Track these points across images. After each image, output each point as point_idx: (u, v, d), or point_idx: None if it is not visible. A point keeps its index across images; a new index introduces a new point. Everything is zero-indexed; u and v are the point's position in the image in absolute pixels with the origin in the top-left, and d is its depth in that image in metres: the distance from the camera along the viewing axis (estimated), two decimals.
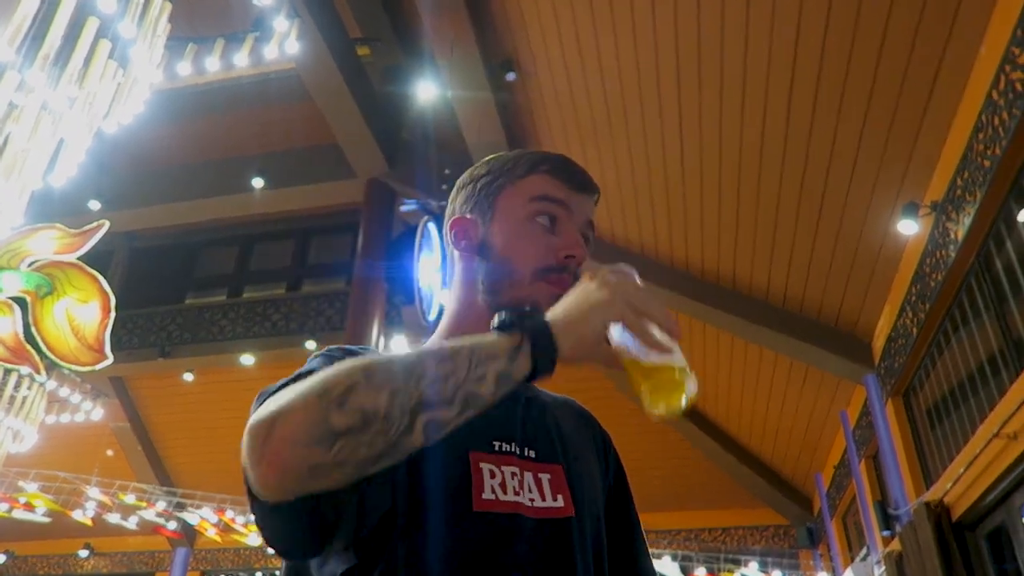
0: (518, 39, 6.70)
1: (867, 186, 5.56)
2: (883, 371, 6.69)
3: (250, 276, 12.32)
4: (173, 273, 12.38)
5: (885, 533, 6.85)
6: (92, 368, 4.66)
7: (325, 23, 7.27)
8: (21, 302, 4.69)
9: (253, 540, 10.39)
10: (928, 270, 5.42)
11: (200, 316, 11.41)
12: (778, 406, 9.00)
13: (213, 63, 6.11)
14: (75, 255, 4.93)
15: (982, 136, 4.35)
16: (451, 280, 1.09)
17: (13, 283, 4.63)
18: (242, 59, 6.16)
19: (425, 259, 7.58)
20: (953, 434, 5.68)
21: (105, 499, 10.26)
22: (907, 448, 6.49)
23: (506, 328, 0.78)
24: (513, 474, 0.90)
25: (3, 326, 4.59)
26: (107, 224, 5.12)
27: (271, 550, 0.77)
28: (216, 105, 10.19)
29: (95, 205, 9.71)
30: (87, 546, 13.67)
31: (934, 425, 6.12)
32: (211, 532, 10.68)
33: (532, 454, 0.94)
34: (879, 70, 4.80)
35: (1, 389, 4.51)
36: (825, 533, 10.31)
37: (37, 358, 4.71)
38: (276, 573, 1.02)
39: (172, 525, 11.11)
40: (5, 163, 3.47)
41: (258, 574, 13.51)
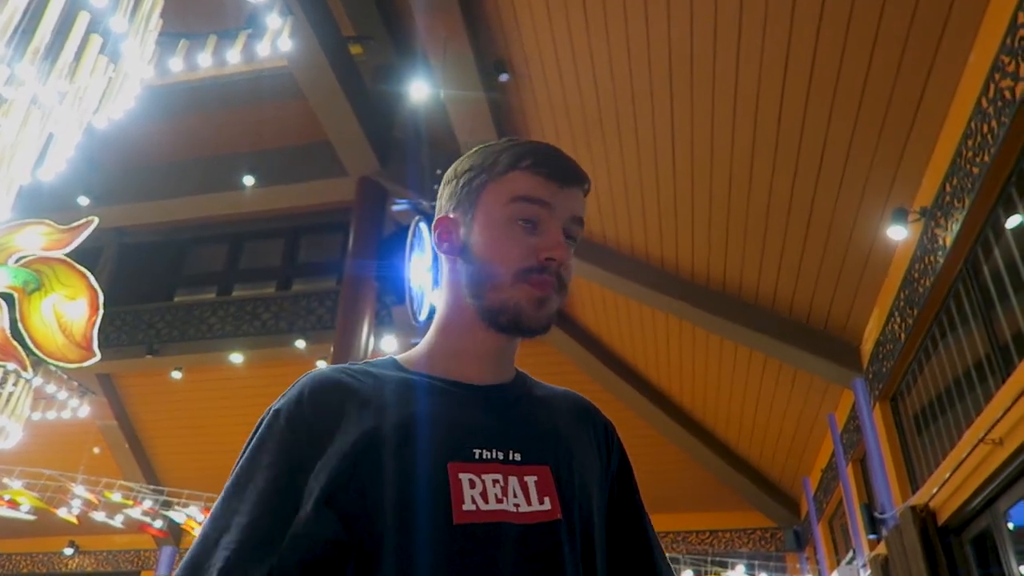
0: (511, 40, 6.70)
1: (857, 191, 5.59)
2: (871, 375, 6.72)
3: (240, 274, 12.28)
4: (162, 270, 12.32)
5: (871, 537, 6.88)
6: (79, 365, 4.63)
7: (318, 21, 7.26)
8: (8, 298, 4.65)
9: None
10: (916, 276, 5.46)
11: (189, 314, 11.35)
12: (766, 409, 9.04)
13: (205, 59, 6.09)
14: (64, 251, 4.90)
15: (971, 143, 4.38)
16: (441, 281, 1.08)
17: (0, 279, 4.60)
18: (234, 56, 6.14)
19: (416, 259, 7.57)
20: (939, 439, 5.71)
21: (91, 497, 10.20)
22: (894, 452, 6.53)
23: None
24: (495, 481, 0.89)
25: None
26: (96, 220, 5.08)
27: None
28: (208, 102, 10.15)
29: (84, 201, 9.65)
30: (72, 544, 13.58)
31: (921, 430, 6.16)
32: (198, 531, 10.62)
33: (517, 457, 0.92)
34: (869, 76, 4.83)
35: None
36: (812, 536, 10.35)
37: (24, 355, 4.68)
38: None
39: (158, 524, 11.04)
40: None
41: None
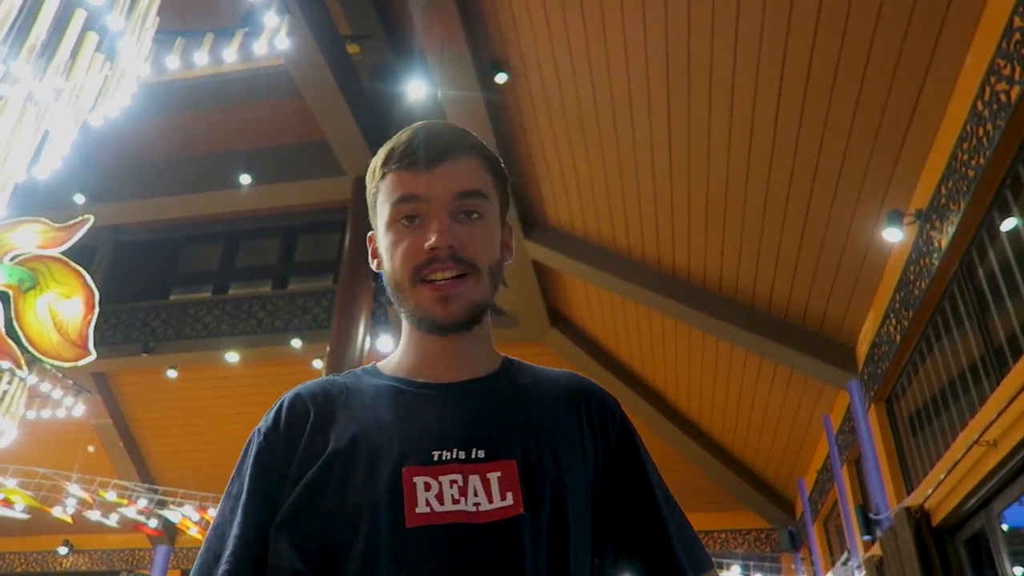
0: (508, 40, 6.70)
1: (853, 193, 5.60)
2: (866, 377, 6.74)
3: (236, 273, 12.26)
4: (158, 268, 12.29)
5: (866, 538, 6.90)
6: (75, 364, 4.62)
7: (315, 19, 7.25)
8: (3, 296, 4.64)
9: None
10: (912, 278, 5.47)
11: (185, 312, 11.33)
12: (762, 410, 9.05)
13: (202, 58, 6.07)
14: (59, 249, 4.88)
15: (967, 146, 4.39)
16: None
17: None
18: (231, 54, 6.13)
19: None
20: (934, 440, 5.73)
21: (85, 496, 10.17)
22: (889, 453, 6.54)
23: None
24: (453, 482, 0.88)
25: None
26: (92, 219, 5.07)
27: None
28: (204, 100, 10.13)
29: (80, 199, 9.62)
30: (66, 543, 13.54)
31: (916, 431, 6.18)
32: (193, 531, 10.60)
33: (481, 454, 0.91)
34: (866, 78, 4.84)
35: None
36: (807, 537, 10.37)
37: (18, 353, 4.66)
38: None
39: (153, 523, 11.02)
40: None
41: None
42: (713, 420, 10.21)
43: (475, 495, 0.88)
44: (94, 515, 10.55)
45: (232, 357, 10.65)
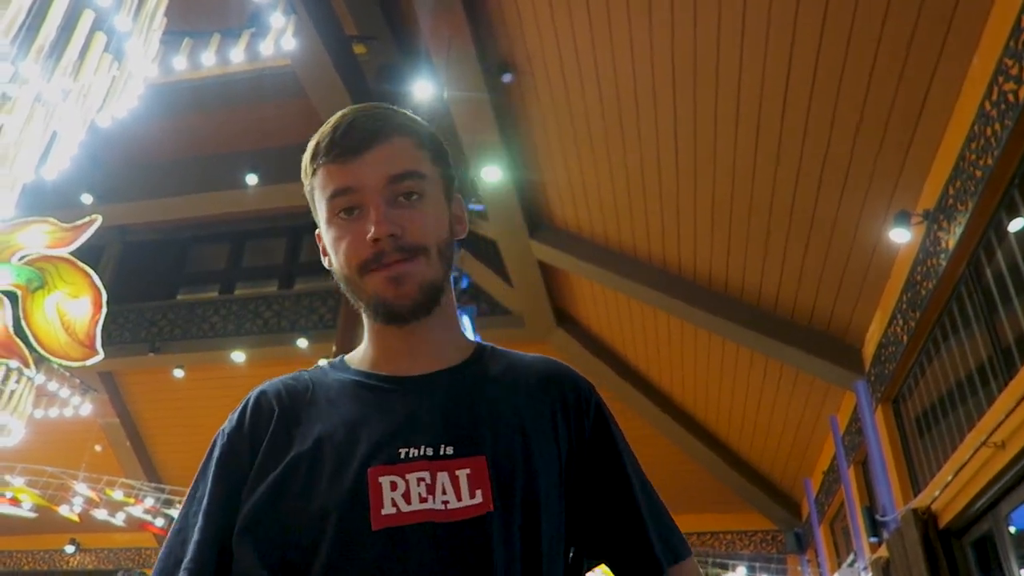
0: (515, 40, 6.70)
1: (860, 193, 5.58)
2: (873, 377, 6.71)
3: (242, 272, 12.29)
4: (164, 268, 12.33)
5: (872, 539, 6.87)
6: (82, 364, 4.64)
7: (321, 20, 7.26)
8: (11, 296, 4.66)
9: None
10: (919, 278, 5.45)
11: (191, 312, 11.37)
12: (768, 410, 9.02)
13: (209, 58, 6.09)
14: (67, 250, 4.90)
15: (974, 146, 4.37)
16: None
17: (4, 276, 4.60)
18: (238, 55, 6.14)
19: None
20: (941, 442, 5.70)
21: (92, 495, 10.21)
22: (896, 455, 6.51)
23: None
24: (420, 480, 0.86)
25: None
26: (99, 219, 5.09)
27: None
28: (210, 101, 10.15)
29: (87, 199, 9.66)
30: (73, 542, 13.59)
31: (923, 432, 6.15)
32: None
33: (450, 451, 0.89)
34: (873, 78, 4.82)
35: None
36: (813, 538, 10.34)
37: (26, 352, 4.68)
38: None
39: (159, 522, 11.05)
40: None
41: None
42: (719, 420, 10.19)
43: (443, 493, 0.86)
44: (101, 514, 10.59)
45: (238, 357, 10.68)
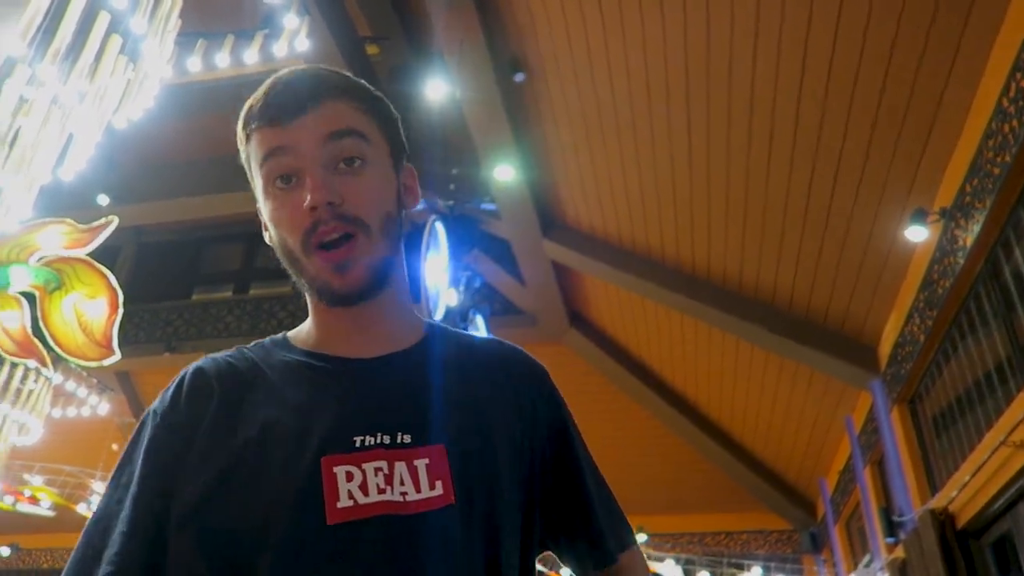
0: (527, 39, 6.69)
1: (876, 191, 5.54)
2: (889, 377, 6.66)
3: (256, 273, 12.34)
4: (180, 268, 12.41)
5: (889, 540, 6.82)
6: (99, 364, 4.68)
7: (335, 21, 7.28)
8: (29, 296, 4.71)
9: None
10: (936, 277, 5.40)
11: (206, 312, 11.44)
12: (783, 410, 8.97)
13: (223, 59, 6.13)
14: (84, 251, 4.95)
15: (992, 143, 4.32)
16: None
17: (22, 277, 4.65)
18: (251, 56, 6.18)
19: (432, 258, 7.58)
20: (959, 442, 5.65)
21: None
22: (912, 455, 6.46)
23: None
24: (378, 470, 0.80)
25: (11, 320, 4.61)
26: (116, 220, 5.14)
27: None
28: (225, 102, 10.18)
29: (104, 200, 9.74)
30: None
31: (940, 432, 6.09)
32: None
33: (407, 439, 0.83)
34: (889, 74, 4.78)
35: (7, 382, 4.53)
36: (828, 539, 10.27)
37: (44, 352, 4.73)
38: None
39: None
40: (15, 157, 3.48)
41: None
42: (734, 420, 10.14)
43: (401, 484, 0.80)
44: None
45: None
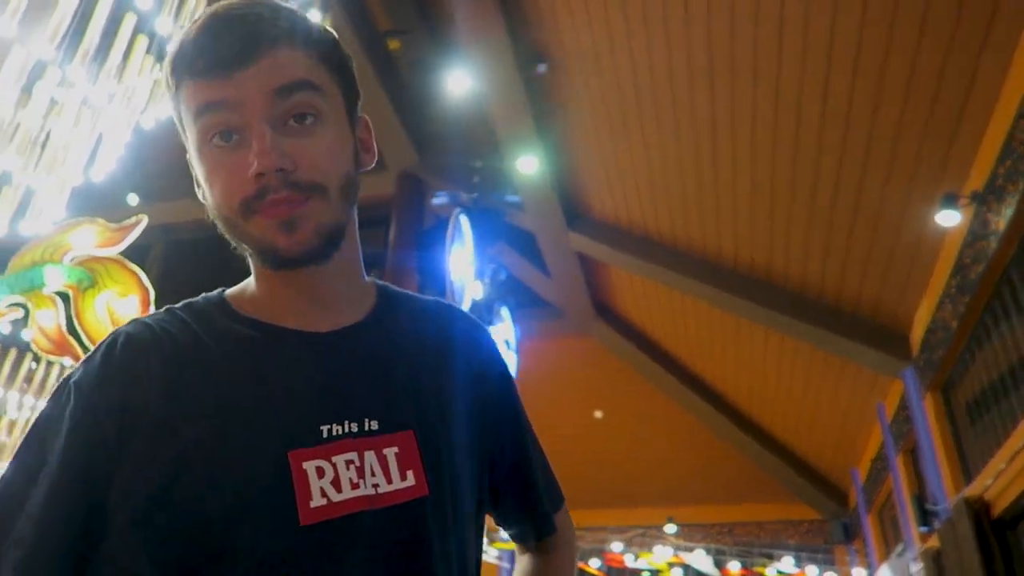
0: (548, 30, 6.67)
1: (905, 175, 5.45)
2: (922, 364, 6.56)
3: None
4: (209, 266, 12.56)
5: (923, 529, 6.74)
6: None
7: (355, 15, 7.31)
8: (63, 296, 4.80)
9: None
10: (968, 262, 5.30)
11: None
12: (813, 399, 8.89)
13: None
14: (116, 250, 5.04)
15: None
16: None
17: (56, 277, 4.74)
18: None
19: (457, 252, 7.61)
20: (994, 429, 5.55)
21: None
22: (946, 443, 6.37)
23: None
24: (349, 462, 0.74)
25: (47, 319, 4.71)
26: (146, 219, 5.21)
27: None
28: None
29: (133, 199, 9.89)
30: None
31: (974, 419, 6.00)
32: None
33: (374, 426, 0.77)
34: (919, 56, 4.69)
35: (44, 380, 4.64)
36: (861, 528, 10.17)
37: (80, 351, 4.83)
38: None
39: None
40: (47, 159, 3.55)
41: None
42: (764, 411, 10.07)
43: (372, 475, 0.75)
44: None
45: None
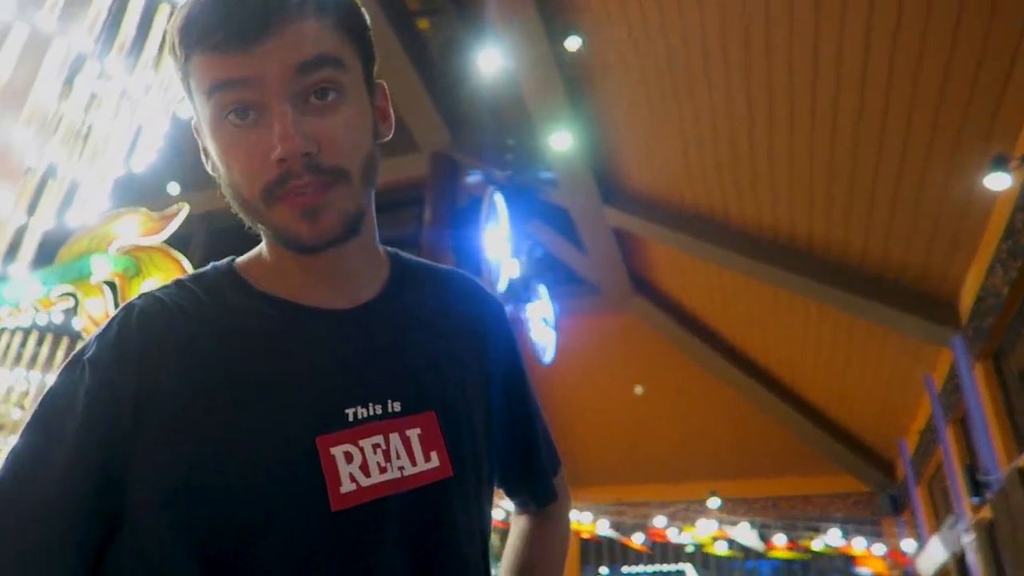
0: (579, 4, 6.58)
1: (951, 138, 5.28)
2: (971, 332, 6.40)
3: None
4: (249, 248, 12.78)
5: (975, 500, 6.62)
6: None
7: None
8: (110, 284, 4.93)
9: None
10: (1019, 226, 5.13)
11: None
12: (857, 371, 8.74)
13: None
14: (159, 238, 5.15)
15: None
16: None
17: (103, 266, 4.87)
18: None
19: (491, 230, 7.61)
20: None
21: None
22: (998, 412, 6.22)
23: None
24: (376, 446, 0.74)
25: (96, 307, 4.84)
26: (187, 207, 5.31)
27: None
28: None
29: (174, 188, 10.06)
30: None
31: None
32: None
33: (397, 407, 0.76)
34: (962, 14, 4.53)
35: None
36: (910, 500, 10.02)
37: None
38: None
39: None
40: (89, 151, 3.63)
41: None
42: (807, 383, 9.94)
43: (398, 458, 0.74)
44: None
45: None
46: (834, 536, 10.34)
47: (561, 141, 7.46)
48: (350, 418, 0.74)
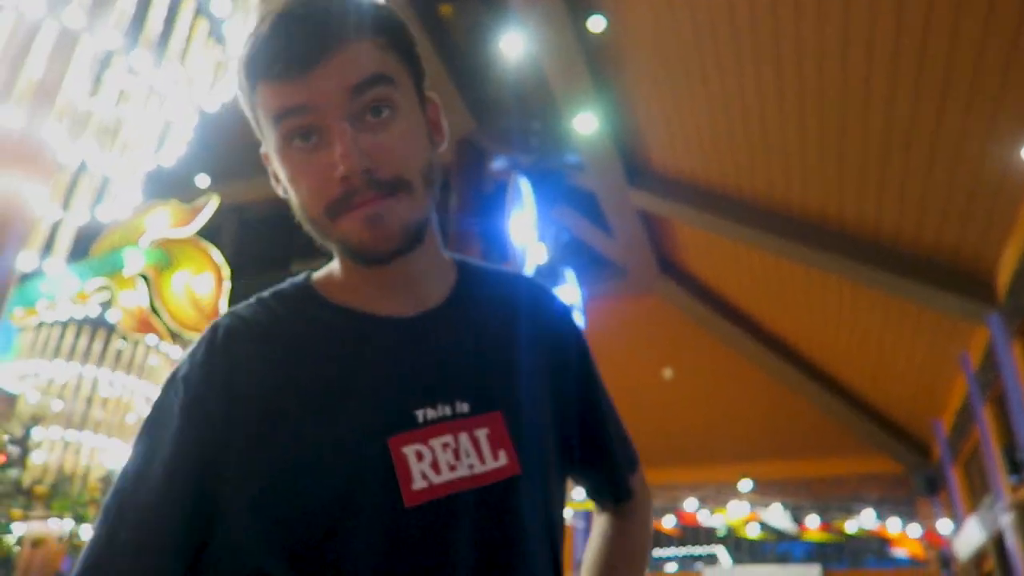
0: None
1: (986, 111, 5.16)
2: (1009, 309, 6.27)
3: None
4: (278, 241, 12.90)
5: (1013, 479, 6.52)
6: None
7: None
8: (143, 277, 5.02)
9: None
10: None
11: None
12: (890, 350, 8.62)
13: None
14: (189, 229, 5.23)
15: None
16: None
17: (135, 259, 4.95)
18: None
19: (518, 215, 7.60)
20: None
21: None
22: None
23: None
24: (446, 445, 0.78)
25: (130, 300, 4.93)
26: (217, 199, 5.38)
27: None
28: None
29: (204, 180, 10.18)
30: None
31: None
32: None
33: (465, 408, 0.80)
34: None
35: (132, 359, 4.87)
36: (945, 481, 9.89)
37: (163, 328, 5.05)
38: None
39: None
40: (119, 146, 3.68)
41: None
42: (838, 363, 9.82)
43: (467, 456, 0.78)
44: None
45: None
46: (868, 517, 10.27)
47: (586, 124, 7.41)
48: (420, 419, 0.78)
